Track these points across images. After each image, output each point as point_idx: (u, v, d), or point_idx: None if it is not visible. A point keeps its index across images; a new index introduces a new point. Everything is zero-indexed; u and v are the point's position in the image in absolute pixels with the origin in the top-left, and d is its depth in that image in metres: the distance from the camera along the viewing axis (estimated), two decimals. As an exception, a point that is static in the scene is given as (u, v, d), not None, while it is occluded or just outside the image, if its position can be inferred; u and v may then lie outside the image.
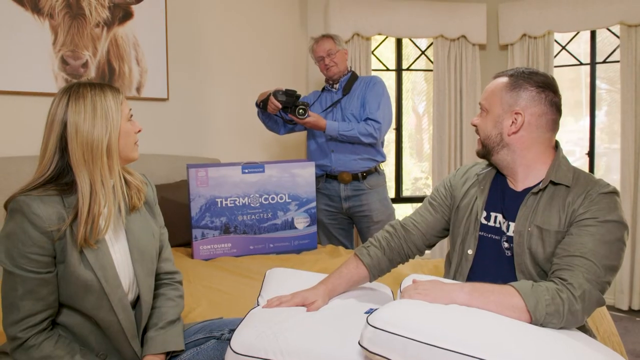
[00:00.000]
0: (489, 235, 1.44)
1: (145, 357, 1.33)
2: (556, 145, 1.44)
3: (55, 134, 1.24)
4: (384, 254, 1.53)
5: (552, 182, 1.36)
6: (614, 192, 1.30)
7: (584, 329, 1.32)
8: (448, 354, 1.02)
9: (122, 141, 1.30)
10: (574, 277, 1.20)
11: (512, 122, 1.38)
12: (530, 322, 1.16)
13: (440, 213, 1.58)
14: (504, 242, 1.40)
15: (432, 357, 1.03)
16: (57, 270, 1.25)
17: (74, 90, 1.26)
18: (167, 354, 1.36)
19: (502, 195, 1.45)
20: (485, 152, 1.46)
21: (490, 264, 1.43)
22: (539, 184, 1.38)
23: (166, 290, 1.48)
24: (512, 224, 1.38)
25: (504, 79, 1.41)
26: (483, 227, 1.46)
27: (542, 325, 1.16)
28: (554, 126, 1.40)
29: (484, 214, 1.46)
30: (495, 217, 1.44)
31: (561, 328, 1.17)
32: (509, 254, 1.39)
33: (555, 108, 1.39)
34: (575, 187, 1.33)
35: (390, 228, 1.59)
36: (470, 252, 1.46)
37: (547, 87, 1.38)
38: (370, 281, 1.54)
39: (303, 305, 1.38)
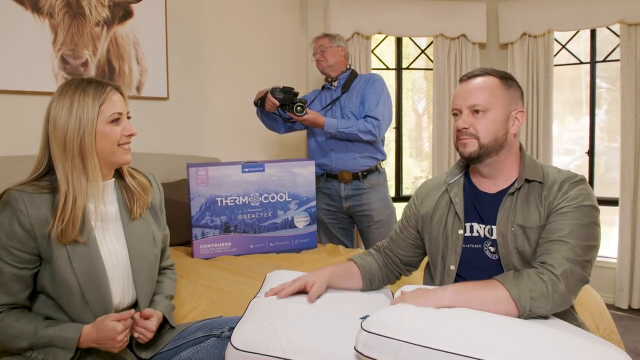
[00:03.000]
0: (468, 246, 1.43)
1: (147, 309, 1.35)
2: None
3: (44, 129, 1.28)
4: (375, 260, 1.59)
5: (526, 180, 1.37)
6: (583, 180, 1.35)
7: (576, 321, 1.33)
8: (441, 355, 1.02)
9: (100, 143, 1.28)
10: (553, 259, 1.23)
11: (515, 121, 1.39)
12: (518, 312, 1.17)
13: (405, 234, 1.60)
14: (490, 247, 1.40)
15: (426, 358, 1.03)
16: (43, 268, 1.25)
17: (62, 86, 1.29)
18: (162, 326, 1.42)
19: (477, 200, 1.44)
20: (483, 154, 1.38)
21: (475, 273, 1.41)
22: (513, 183, 1.39)
23: (167, 272, 1.58)
24: (493, 228, 1.38)
25: (492, 78, 1.40)
26: (463, 239, 1.45)
27: (530, 311, 1.17)
28: None
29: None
30: (471, 226, 1.44)
31: (549, 312, 1.19)
32: (496, 257, 1.38)
33: None
34: (547, 182, 1.36)
35: (375, 247, 1.66)
36: (452, 267, 1.44)
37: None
38: (363, 287, 1.54)
39: (304, 290, 1.40)
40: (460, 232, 1.43)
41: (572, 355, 1.03)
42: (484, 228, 1.41)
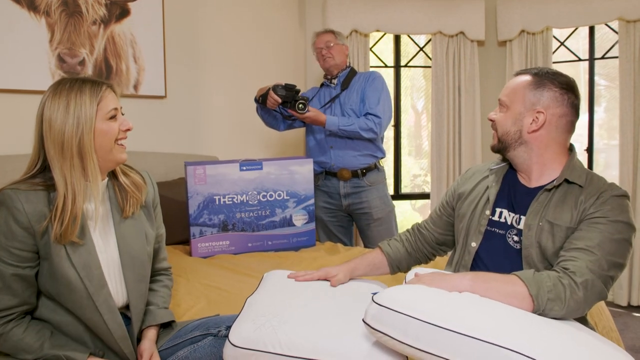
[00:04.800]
0: (493, 229, 1.47)
1: (148, 328, 1.40)
2: (570, 148, 1.45)
3: (37, 129, 1.26)
4: (403, 245, 1.68)
5: (566, 181, 1.37)
6: (626, 196, 1.33)
7: (586, 323, 1.33)
8: (449, 334, 1.03)
9: (98, 141, 1.27)
10: (577, 267, 1.22)
11: (533, 120, 1.38)
12: (533, 309, 1.18)
13: (443, 211, 1.67)
14: (514, 236, 1.42)
15: (433, 336, 1.04)
16: (41, 266, 1.25)
17: (55, 85, 1.27)
18: (161, 326, 1.46)
19: (513, 191, 1.47)
20: (501, 148, 1.46)
21: (493, 257, 1.45)
22: (552, 181, 1.39)
23: (163, 278, 1.57)
24: (522, 218, 1.40)
25: (527, 77, 1.41)
26: (489, 222, 1.48)
27: (543, 311, 1.18)
28: (572, 128, 1.41)
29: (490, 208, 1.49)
30: (501, 212, 1.47)
31: (562, 317, 1.19)
32: (518, 247, 1.40)
33: (575, 110, 1.40)
34: (588, 188, 1.35)
35: (409, 228, 1.74)
36: (473, 244, 1.48)
37: (570, 89, 1.39)
38: (391, 272, 1.67)
39: (325, 279, 1.53)
40: (487, 213, 1.48)
41: (579, 348, 1.05)
42: (513, 217, 1.43)
